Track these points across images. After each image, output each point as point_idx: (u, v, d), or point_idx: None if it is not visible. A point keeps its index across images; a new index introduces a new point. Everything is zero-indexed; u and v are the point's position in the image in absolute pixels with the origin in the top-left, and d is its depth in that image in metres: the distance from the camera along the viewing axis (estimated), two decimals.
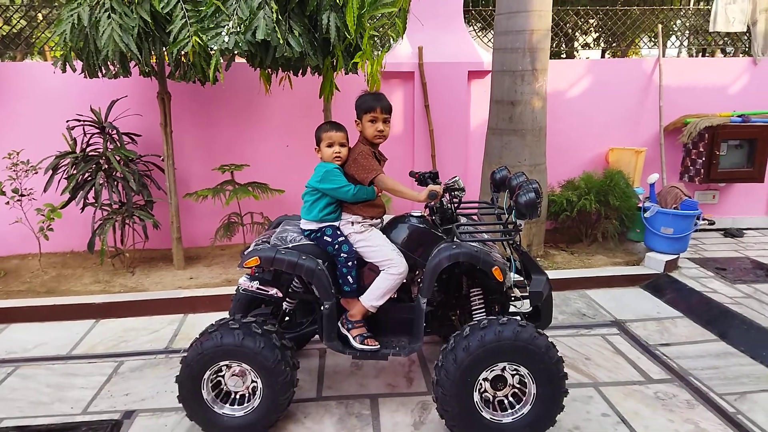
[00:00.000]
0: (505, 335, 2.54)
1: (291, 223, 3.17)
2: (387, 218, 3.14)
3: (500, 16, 5.00)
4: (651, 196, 5.45)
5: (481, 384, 2.63)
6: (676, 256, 5.12)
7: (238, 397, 2.81)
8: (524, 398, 2.67)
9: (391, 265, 2.82)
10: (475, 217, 3.44)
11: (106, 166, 4.85)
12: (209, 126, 5.67)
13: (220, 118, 5.67)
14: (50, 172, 4.79)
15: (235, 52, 3.67)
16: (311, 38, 3.83)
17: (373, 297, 2.85)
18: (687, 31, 7.58)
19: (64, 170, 4.82)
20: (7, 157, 4.87)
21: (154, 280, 4.88)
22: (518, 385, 2.67)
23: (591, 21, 8.66)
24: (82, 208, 4.84)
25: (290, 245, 2.89)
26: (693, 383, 3.29)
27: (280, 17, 3.59)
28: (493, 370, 2.62)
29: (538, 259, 5.30)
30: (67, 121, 4.89)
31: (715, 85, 6.35)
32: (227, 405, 2.80)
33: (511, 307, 3.12)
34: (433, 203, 2.97)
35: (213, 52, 3.68)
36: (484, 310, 2.97)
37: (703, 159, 6.09)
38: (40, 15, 6.37)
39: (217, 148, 5.70)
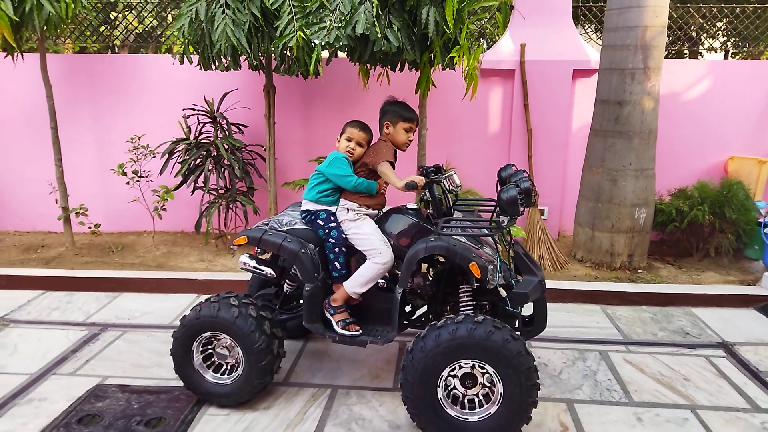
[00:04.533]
0: (477, 333, 2.48)
1: (296, 208, 3.26)
2: None
3: (611, 12, 4.75)
4: None
5: (447, 379, 2.60)
6: None
7: (224, 367, 2.99)
8: (492, 399, 2.59)
9: (376, 254, 2.87)
10: (483, 214, 3.32)
11: (215, 153, 5.19)
12: (309, 119, 5.88)
13: (320, 112, 5.86)
14: (166, 156, 5.20)
15: (336, 46, 3.78)
16: (409, 33, 3.86)
17: (357, 284, 2.90)
18: None
19: (178, 155, 5.21)
20: (130, 141, 5.35)
21: None
22: (488, 385, 2.60)
23: (719, 24, 7.95)
24: (192, 191, 5.21)
25: (285, 228, 3.00)
26: None
27: (380, 12, 3.65)
28: (462, 366, 2.57)
29: (639, 271, 4.98)
30: (183, 110, 5.29)
31: None
32: (211, 371, 2.98)
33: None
34: (421, 194, 3.01)
35: (315, 46, 3.82)
36: (471, 307, 2.90)
37: None
38: (169, 16, 6.91)
39: (315, 140, 5.91)
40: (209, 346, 2.97)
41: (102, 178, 5.97)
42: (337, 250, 3.00)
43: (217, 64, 4.52)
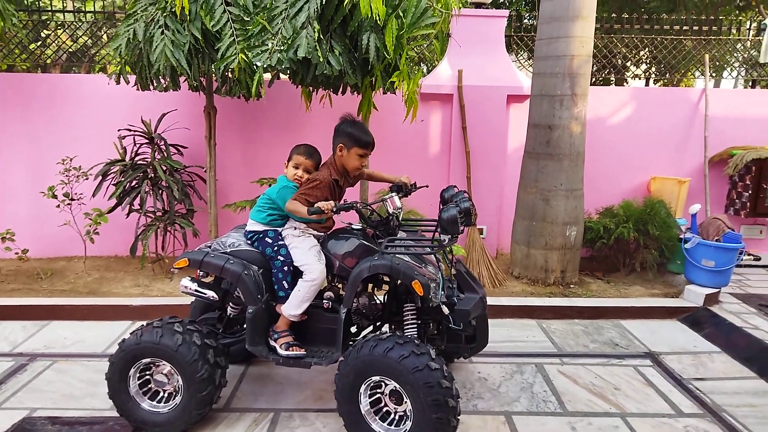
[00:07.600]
0: (392, 353, 2.53)
1: (240, 230, 3.26)
2: None
3: (541, 42, 5.03)
4: (692, 227, 5.30)
5: (369, 394, 2.69)
6: (717, 290, 4.93)
7: (162, 394, 2.92)
8: (408, 415, 2.63)
9: (308, 271, 2.90)
10: (425, 234, 3.39)
11: (153, 175, 5.07)
12: (251, 141, 5.86)
13: (262, 134, 5.86)
14: (100, 178, 5.03)
15: (278, 69, 3.81)
16: (351, 58, 3.95)
17: (292, 306, 2.92)
18: (744, 64, 7.37)
19: (113, 177, 5.06)
20: (61, 163, 5.15)
21: None
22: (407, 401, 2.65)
23: (642, 53, 8.51)
24: (128, 214, 5.06)
25: (228, 250, 3.00)
26: (727, 420, 3.15)
27: (321, 36, 3.72)
28: (386, 383, 2.65)
29: (572, 286, 5.21)
30: (119, 131, 5.15)
31: (764, 117, 6.17)
32: (147, 399, 2.91)
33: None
34: (334, 217, 3.06)
35: (257, 68, 3.84)
36: (415, 325, 2.96)
37: (750, 192, 5.89)
38: (104, 35, 6.73)
39: (258, 162, 5.88)
40: (147, 372, 2.88)
41: (31, 201, 5.70)
42: (285, 268, 2.99)
43: (155, 84, 4.46)
